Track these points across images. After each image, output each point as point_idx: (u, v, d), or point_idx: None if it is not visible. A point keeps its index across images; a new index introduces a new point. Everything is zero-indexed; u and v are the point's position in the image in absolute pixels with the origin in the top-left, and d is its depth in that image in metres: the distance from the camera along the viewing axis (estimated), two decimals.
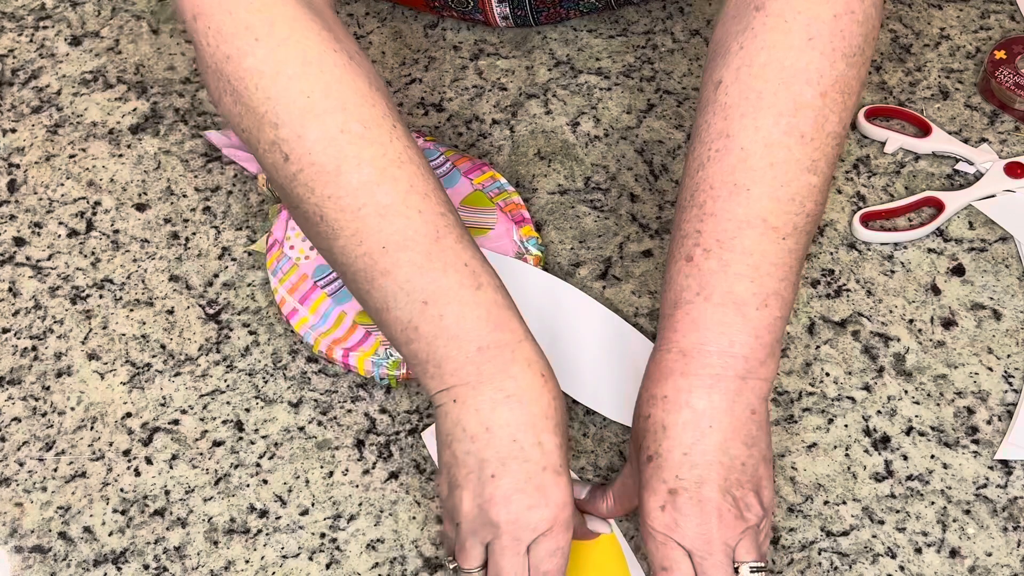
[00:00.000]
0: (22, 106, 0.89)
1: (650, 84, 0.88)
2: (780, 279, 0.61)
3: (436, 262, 0.61)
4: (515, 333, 0.62)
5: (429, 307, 0.61)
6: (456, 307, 0.61)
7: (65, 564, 0.69)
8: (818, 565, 0.67)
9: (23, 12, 0.95)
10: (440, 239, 0.62)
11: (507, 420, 0.60)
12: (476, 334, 0.61)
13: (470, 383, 0.61)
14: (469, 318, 0.61)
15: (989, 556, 0.68)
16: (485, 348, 0.61)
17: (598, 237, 0.81)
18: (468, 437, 0.60)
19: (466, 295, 0.61)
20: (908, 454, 0.71)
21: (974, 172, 0.83)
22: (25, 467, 0.72)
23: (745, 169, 0.62)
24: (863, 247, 0.80)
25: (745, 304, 0.60)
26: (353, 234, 0.62)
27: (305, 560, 0.68)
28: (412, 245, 0.61)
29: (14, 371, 0.76)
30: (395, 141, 0.62)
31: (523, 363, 0.61)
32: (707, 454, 0.59)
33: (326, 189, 0.62)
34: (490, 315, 0.61)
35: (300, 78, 0.62)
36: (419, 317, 0.61)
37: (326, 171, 0.61)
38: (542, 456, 0.60)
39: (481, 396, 0.60)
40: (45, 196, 0.84)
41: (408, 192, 0.62)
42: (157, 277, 0.80)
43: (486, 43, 0.91)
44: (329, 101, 0.62)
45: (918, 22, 0.92)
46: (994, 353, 0.75)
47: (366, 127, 0.62)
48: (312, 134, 0.61)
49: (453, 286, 0.61)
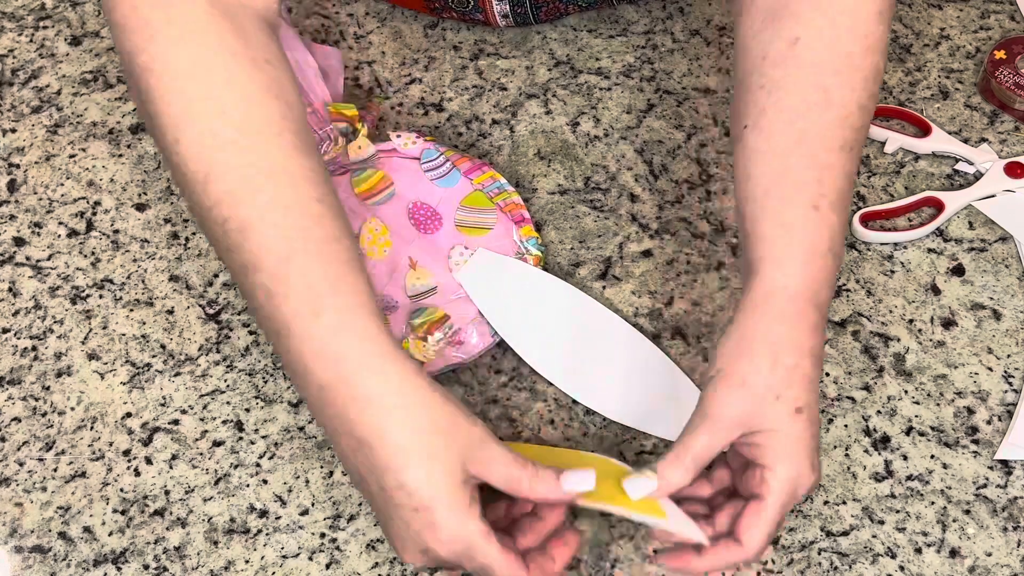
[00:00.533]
0: (22, 106, 0.89)
1: (650, 84, 0.88)
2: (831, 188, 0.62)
3: (280, 286, 0.57)
4: (349, 364, 0.56)
5: (280, 340, 0.58)
6: (296, 342, 0.57)
7: (65, 564, 0.69)
8: (818, 565, 0.67)
9: (23, 12, 0.95)
10: (290, 259, 0.57)
11: (368, 467, 0.56)
12: (316, 373, 0.56)
13: (328, 428, 0.58)
14: (306, 354, 0.56)
15: (989, 556, 0.68)
16: (323, 388, 0.56)
17: (598, 237, 0.81)
18: (356, 481, 0.59)
19: (302, 327, 0.57)
20: (908, 454, 0.71)
21: (974, 172, 0.83)
22: (25, 467, 0.72)
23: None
24: (863, 247, 0.80)
25: (791, 219, 0.61)
26: (224, 249, 0.59)
27: (305, 560, 0.68)
28: (263, 266, 0.57)
29: (14, 371, 0.76)
30: (273, 149, 0.59)
31: (362, 402, 0.56)
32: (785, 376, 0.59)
33: (199, 199, 0.59)
34: (325, 349, 0.56)
35: (184, 78, 0.59)
36: (277, 347, 0.58)
37: (196, 180, 0.59)
38: (409, 499, 0.55)
39: (342, 445, 0.57)
40: (45, 196, 0.84)
41: (268, 205, 0.58)
42: (157, 277, 0.80)
43: (486, 43, 0.91)
44: (207, 104, 0.59)
45: (918, 22, 0.92)
46: (994, 353, 0.75)
47: (241, 132, 0.58)
48: (185, 138, 0.59)
49: (292, 317, 0.57)
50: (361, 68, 0.90)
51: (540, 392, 0.74)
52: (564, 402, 0.74)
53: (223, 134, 0.58)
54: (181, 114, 0.59)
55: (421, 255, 0.77)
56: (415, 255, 0.77)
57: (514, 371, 0.75)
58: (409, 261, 0.76)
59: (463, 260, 0.76)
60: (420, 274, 0.76)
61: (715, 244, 0.80)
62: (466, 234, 0.78)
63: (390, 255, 0.77)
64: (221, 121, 0.59)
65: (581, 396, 0.73)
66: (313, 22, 0.93)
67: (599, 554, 0.68)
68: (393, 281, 0.76)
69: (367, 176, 0.79)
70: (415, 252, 0.77)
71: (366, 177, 0.79)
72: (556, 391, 0.74)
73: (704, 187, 0.83)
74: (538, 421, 0.73)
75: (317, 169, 0.60)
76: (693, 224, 0.81)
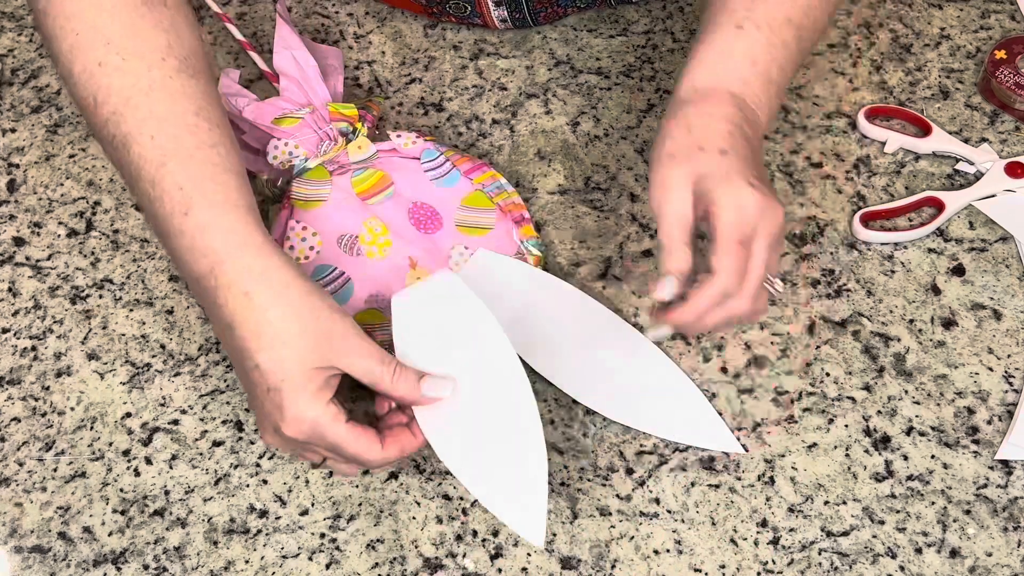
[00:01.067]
0: (22, 106, 0.89)
1: (650, 84, 0.88)
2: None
3: (156, 190, 0.62)
4: (216, 255, 0.61)
5: (162, 239, 0.64)
6: (171, 240, 0.62)
7: (65, 564, 0.69)
8: (818, 565, 0.67)
9: (23, 12, 0.95)
10: (164, 164, 0.62)
11: (233, 349, 0.62)
12: (190, 266, 0.62)
13: (208, 317, 0.63)
14: (180, 249, 0.62)
15: (989, 556, 0.68)
16: (197, 280, 0.62)
17: (598, 237, 0.81)
18: (234, 365, 0.63)
19: (175, 224, 0.62)
20: (908, 454, 0.71)
21: (974, 172, 0.83)
22: (25, 467, 0.72)
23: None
24: (863, 247, 0.80)
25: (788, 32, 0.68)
26: (116, 164, 0.65)
27: (305, 560, 0.68)
28: (143, 175, 0.63)
29: (14, 371, 0.76)
30: (153, 70, 0.64)
31: (225, 289, 0.61)
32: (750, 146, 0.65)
33: (92, 120, 0.65)
34: (195, 244, 0.61)
35: (74, 18, 0.65)
36: (165, 247, 0.64)
37: (88, 105, 0.65)
38: (262, 378, 0.60)
39: (216, 330, 0.63)
40: (45, 196, 0.84)
41: (145, 119, 0.63)
42: (157, 277, 0.80)
43: (486, 43, 0.91)
44: (93, 37, 0.65)
45: (918, 22, 0.92)
46: (994, 353, 0.75)
47: (124, 58, 0.64)
48: (77, 68, 0.65)
49: (167, 216, 0.62)
50: (361, 68, 0.90)
51: (540, 392, 0.74)
52: (564, 402, 0.73)
53: (109, 61, 0.64)
54: (72, 47, 0.65)
55: (421, 255, 0.77)
56: (415, 255, 0.77)
57: None
58: (409, 261, 0.76)
59: (463, 260, 0.76)
60: (420, 274, 0.76)
61: None
62: (466, 234, 0.78)
63: (390, 255, 0.77)
64: (105, 50, 0.65)
65: (581, 396, 0.73)
66: (313, 22, 0.93)
67: (599, 554, 0.68)
68: (393, 281, 0.76)
69: (367, 176, 0.79)
70: (415, 252, 0.77)
71: (366, 177, 0.79)
72: (556, 391, 0.74)
73: None
74: None
75: (200, 89, 0.66)
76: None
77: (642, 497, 0.70)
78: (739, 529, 0.69)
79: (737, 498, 0.70)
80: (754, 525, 0.69)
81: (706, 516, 0.69)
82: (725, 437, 0.72)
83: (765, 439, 0.72)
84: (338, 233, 0.77)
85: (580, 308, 0.76)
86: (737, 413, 0.73)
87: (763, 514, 0.69)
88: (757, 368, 0.75)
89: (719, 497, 0.70)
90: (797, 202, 0.82)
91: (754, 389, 0.74)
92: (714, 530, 0.69)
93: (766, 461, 0.71)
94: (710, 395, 0.73)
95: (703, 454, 0.71)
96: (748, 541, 0.68)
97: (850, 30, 0.91)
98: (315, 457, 0.65)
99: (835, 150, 0.85)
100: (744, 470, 0.71)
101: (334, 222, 0.77)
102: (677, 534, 0.68)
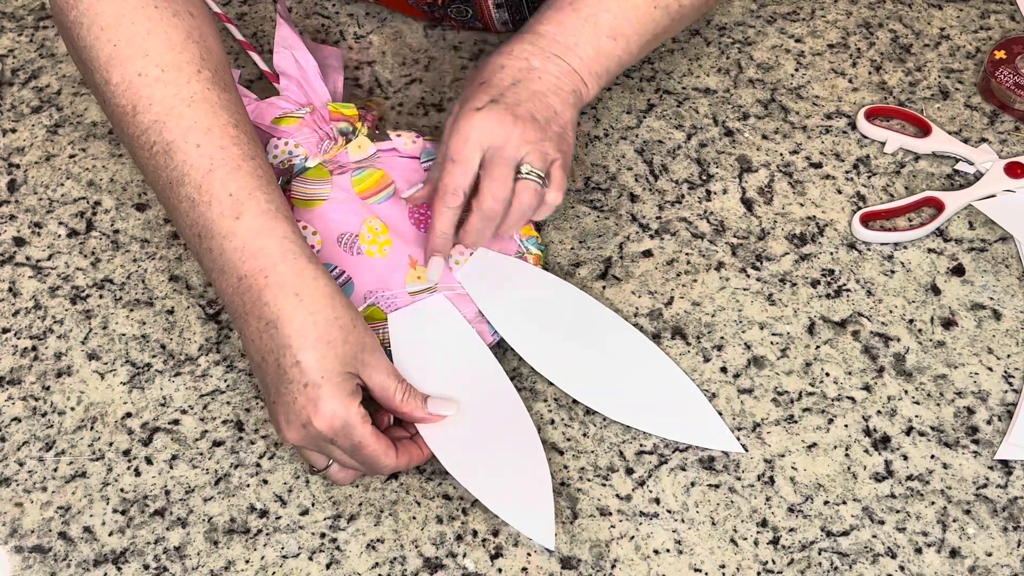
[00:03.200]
0: (22, 106, 0.89)
1: (650, 84, 0.88)
2: (634, 31, 0.76)
3: (205, 195, 0.65)
4: (269, 258, 0.64)
5: (202, 241, 0.66)
6: (218, 240, 0.65)
7: (65, 564, 0.69)
8: (818, 565, 0.67)
9: (23, 12, 0.95)
10: (212, 171, 0.65)
11: (270, 347, 0.64)
12: (235, 266, 0.64)
13: (240, 315, 0.65)
14: (228, 250, 0.65)
15: (989, 556, 0.68)
16: (243, 278, 0.64)
17: (598, 237, 0.81)
18: (256, 366, 0.65)
19: (225, 226, 0.65)
20: (908, 454, 0.71)
21: (974, 172, 0.83)
22: (25, 467, 0.72)
23: None
24: (863, 247, 0.80)
25: (600, 28, 0.75)
26: (152, 171, 0.67)
27: (305, 560, 0.68)
28: (188, 180, 0.66)
29: (14, 371, 0.76)
30: (193, 83, 0.67)
31: (276, 288, 0.64)
32: (529, 91, 0.72)
33: (128, 129, 0.68)
34: (246, 245, 0.64)
35: (110, 29, 0.68)
36: (198, 250, 0.66)
37: (126, 113, 0.67)
38: (301, 374, 0.63)
39: (249, 327, 0.64)
40: (45, 196, 0.84)
41: (190, 128, 0.66)
42: (157, 277, 0.80)
43: (486, 43, 0.91)
44: (131, 48, 0.67)
45: (918, 22, 0.92)
46: (994, 353, 0.75)
47: (164, 71, 0.67)
48: (114, 78, 0.67)
49: (215, 218, 0.65)
50: (361, 68, 0.90)
51: (540, 392, 0.74)
52: (564, 402, 0.74)
53: (148, 72, 0.67)
54: (108, 58, 0.68)
55: (421, 254, 0.77)
56: (415, 254, 0.77)
57: (514, 371, 0.75)
58: (409, 260, 0.76)
59: (463, 259, 0.76)
60: (420, 273, 0.76)
61: (715, 244, 0.80)
62: None
63: (390, 254, 0.77)
64: (144, 61, 0.67)
65: (581, 396, 0.73)
66: (313, 22, 0.93)
67: (599, 554, 0.68)
68: (393, 280, 0.76)
69: (367, 175, 0.79)
70: (415, 251, 0.77)
71: (366, 176, 0.79)
72: (556, 391, 0.74)
73: (704, 187, 0.83)
74: (538, 421, 0.73)
75: (233, 101, 0.69)
76: (693, 224, 0.81)
77: (642, 497, 0.70)
78: (739, 529, 0.69)
79: (737, 498, 0.70)
80: (754, 525, 0.69)
81: (706, 516, 0.69)
82: (725, 437, 0.72)
83: (765, 439, 0.72)
84: (338, 232, 0.77)
85: (580, 308, 0.76)
86: (737, 413, 0.73)
87: (763, 514, 0.69)
88: (757, 368, 0.75)
89: (719, 497, 0.70)
90: (797, 202, 0.82)
91: (754, 389, 0.74)
92: (714, 530, 0.69)
93: (766, 461, 0.71)
94: (710, 395, 0.73)
95: (703, 454, 0.71)
96: (748, 541, 0.68)
97: (850, 30, 0.91)
98: (322, 461, 0.67)
99: (835, 150, 0.85)
100: (744, 470, 0.71)
101: (334, 221, 0.77)
102: (677, 534, 0.69)
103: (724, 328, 0.76)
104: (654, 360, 0.74)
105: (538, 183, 0.71)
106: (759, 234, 0.80)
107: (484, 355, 0.73)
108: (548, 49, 0.74)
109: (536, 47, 0.74)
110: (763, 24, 0.92)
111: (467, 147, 0.71)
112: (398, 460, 0.66)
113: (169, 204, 0.68)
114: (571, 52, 0.74)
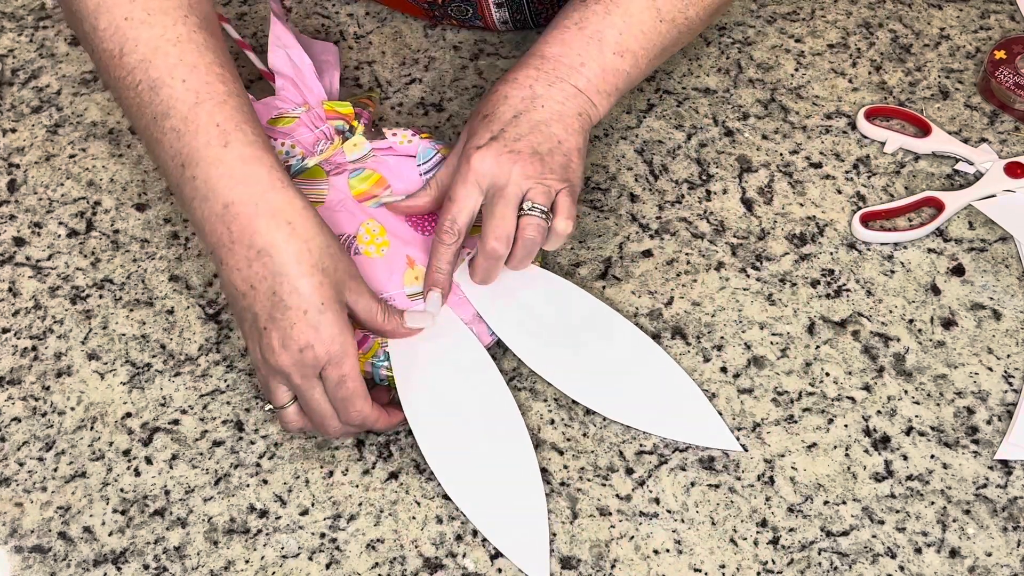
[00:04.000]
0: (22, 106, 0.89)
1: (650, 84, 0.88)
2: (641, 46, 0.75)
3: (191, 125, 0.66)
4: (259, 184, 0.65)
5: (186, 170, 0.66)
6: (203, 167, 0.65)
7: (65, 564, 0.69)
8: (818, 565, 0.67)
9: (23, 12, 0.95)
10: (199, 104, 0.66)
11: (262, 275, 0.64)
12: (221, 192, 0.65)
13: (225, 244, 0.65)
14: (214, 176, 0.65)
15: (989, 556, 0.68)
16: (230, 205, 0.65)
17: (598, 237, 0.81)
18: (239, 295, 0.65)
19: (212, 154, 0.65)
20: (908, 454, 0.71)
21: (974, 172, 0.83)
22: (25, 467, 0.72)
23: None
24: (863, 247, 0.80)
25: (606, 45, 0.74)
26: (136, 109, 0.68)
27: (305, 560, 0.68)
28: (173, 113, 0.66)
29: (14, 371, 0.76)
30: (179, 25, 0.68)
31: (267, 216, 0.64)
32: (530, 123, 0.72)
33: (115, 72, 0.68)
34: (234, 172, 0.65)
35: None
36: (180, 180, 0.67)
37: (113, 55, 0.68)
38: (301, 301, 0.64)
39: (237, 256, 0.65)
40: (45, 196, 0.84)
41: (176, 65, 0.67)
42: (157, 277, 0.80)
43: (486, 43, 0.91)
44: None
45: (918, 22, 0.92)
46: (994, 353, 0.75)
47: (150, 13, 0.68)
48: (102, 24, 0.69)
49: (201, 147, 0.66)
50: (361, 68, 0.90)
51: (540, 392, 0.74)
52: (564, 402, 0.74)
53: (134, 16, 0.68)
54: (97, 6, 0.69)
55: (419, 255, 0.77)
56: (413, 255, 0.77)
57: (514, 371, 0.75)
58: (407, 261, 0.76)
59: (462, 260, 0.76)
60: (418, 273, 0.76)
61: (715, 244, 0.80)
62: None
63: (388, 255, 0.77)
64: (131, 6, 0.68)
65: (581, 396, 0.73)
66: (313, 22, 0.93)
67: (599, 554, 0.68)
68: (392, 281, 0.76)
69: (364, 177, 0.79)
70: (413, 252, 0.77)
71: (363, 179, 0.79)
72: (556, 391, 0.74)
73: (704, 187, 0.83)
74: (538, 421, 0.73)
75: (219, 45, 0.70)
76: (693, 224, 0.81)
77: (642, 497, 0.70)
78: (739, 529, 0.69)
79: (737, 498, 0.70)
80: (754, 525, 0.69)
81: (706, 516, 0.69)
82: (725, 436, 0.72)
83: (765, 439, 0.72)
84: (336, 233, 0.77)
85: (580, 307, 0.76)
86: (737, 413, 0.73)
87: (763, 514, 0.69)
88: (757, 368, 0.75)
89: (719, 497, 0.70)
90: (797, 202, 0.82)
91: (754, 389, 0.74)
92: (714, 530, 0.69)
93: (766, 461, 0.71)
94: (710, 395, 0.73)
95: (703, 454, 0.71)
96: (748, 541, 0.68)
97: (850, 30, 0.91)
98: (285, 397, 0.68)
99: (835, 150, 0.85)
100: (744, 470, 0.71)
101: (332, 223, 0.77)
102: (677, 534, 0.69)
103: (724, 328, 0.76)
104: (654, 359, 0.74)
105: (541, 218, 0.71)
106: (759, 234, 0.80)
107: (482, 359, 0.73)
108: (553, 73, 0.73)
109: (541, 71, 0.74)
110: (763, 24, 0.92)
111: (465, 187, 0.71)
112: (371, 412, 0.68)
113: (152, 139, 0.68)
114: (577, 73, 0.74)
